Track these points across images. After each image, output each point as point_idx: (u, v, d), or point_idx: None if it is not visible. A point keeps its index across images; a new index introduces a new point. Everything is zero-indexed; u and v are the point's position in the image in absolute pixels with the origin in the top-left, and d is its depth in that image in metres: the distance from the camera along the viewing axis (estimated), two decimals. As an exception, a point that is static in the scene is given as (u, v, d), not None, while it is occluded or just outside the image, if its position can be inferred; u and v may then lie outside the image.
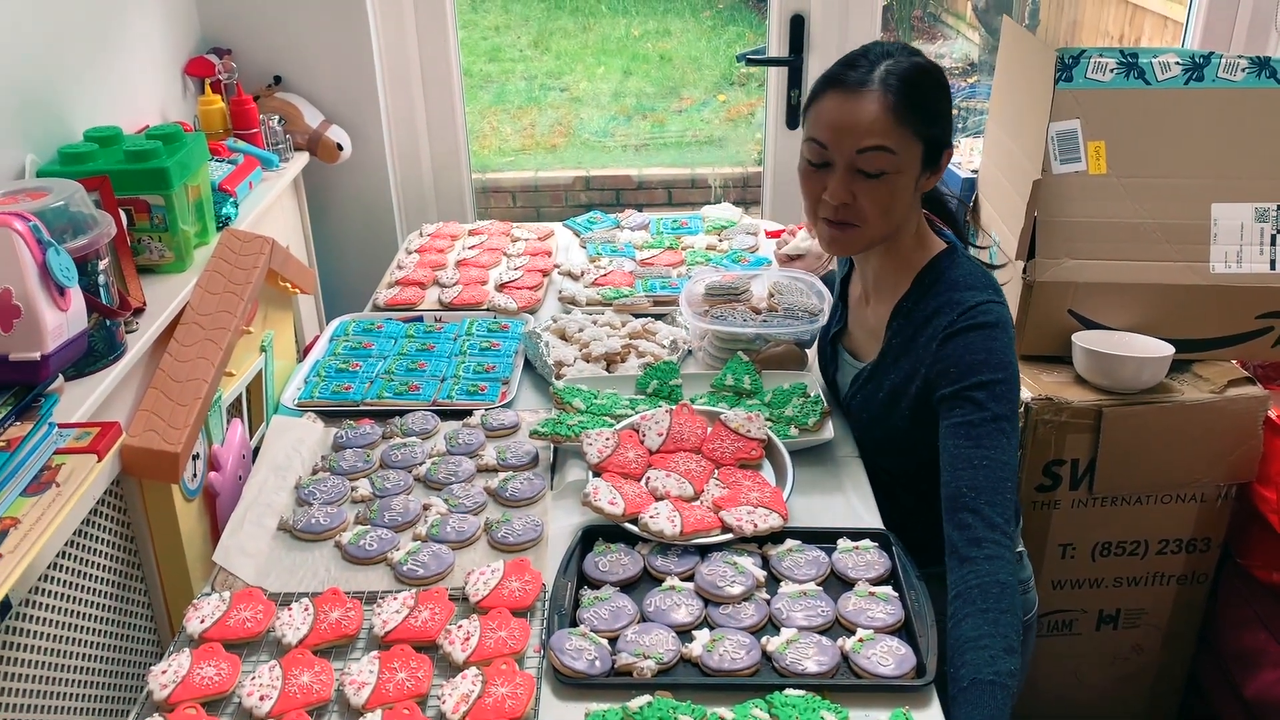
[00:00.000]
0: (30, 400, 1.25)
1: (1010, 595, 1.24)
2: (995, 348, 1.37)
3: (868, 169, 1.37)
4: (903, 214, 1.43)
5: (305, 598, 1.29)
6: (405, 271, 2.23)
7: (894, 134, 1.35)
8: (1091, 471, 1.85)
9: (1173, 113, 1.85)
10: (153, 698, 1.16)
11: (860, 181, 1.38)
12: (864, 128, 1.35)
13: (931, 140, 1.39)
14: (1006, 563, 1.26)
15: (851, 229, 1.42)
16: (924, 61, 1.40)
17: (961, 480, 1.32)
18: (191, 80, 2.43)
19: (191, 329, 1.70)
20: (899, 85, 1.35)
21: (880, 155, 1.36)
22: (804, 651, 1.20)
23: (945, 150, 1.42)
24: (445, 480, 1.54)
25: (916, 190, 1.42)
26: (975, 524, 1.28)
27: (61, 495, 1.20)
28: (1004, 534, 1.29)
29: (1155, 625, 2.01)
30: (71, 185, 1.47)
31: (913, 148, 1.37)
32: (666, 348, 1.89)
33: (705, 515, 1.41)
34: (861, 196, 1.39)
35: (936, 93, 1.40)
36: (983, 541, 1.27)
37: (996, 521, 1.29)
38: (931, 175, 1.43)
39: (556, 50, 5.25)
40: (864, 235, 1.43)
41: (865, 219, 1.40)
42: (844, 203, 1.40)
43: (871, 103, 1.35)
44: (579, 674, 1.17)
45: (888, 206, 1.40)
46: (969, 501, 1.30)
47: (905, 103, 1.35)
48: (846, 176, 1.38)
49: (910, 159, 1.38)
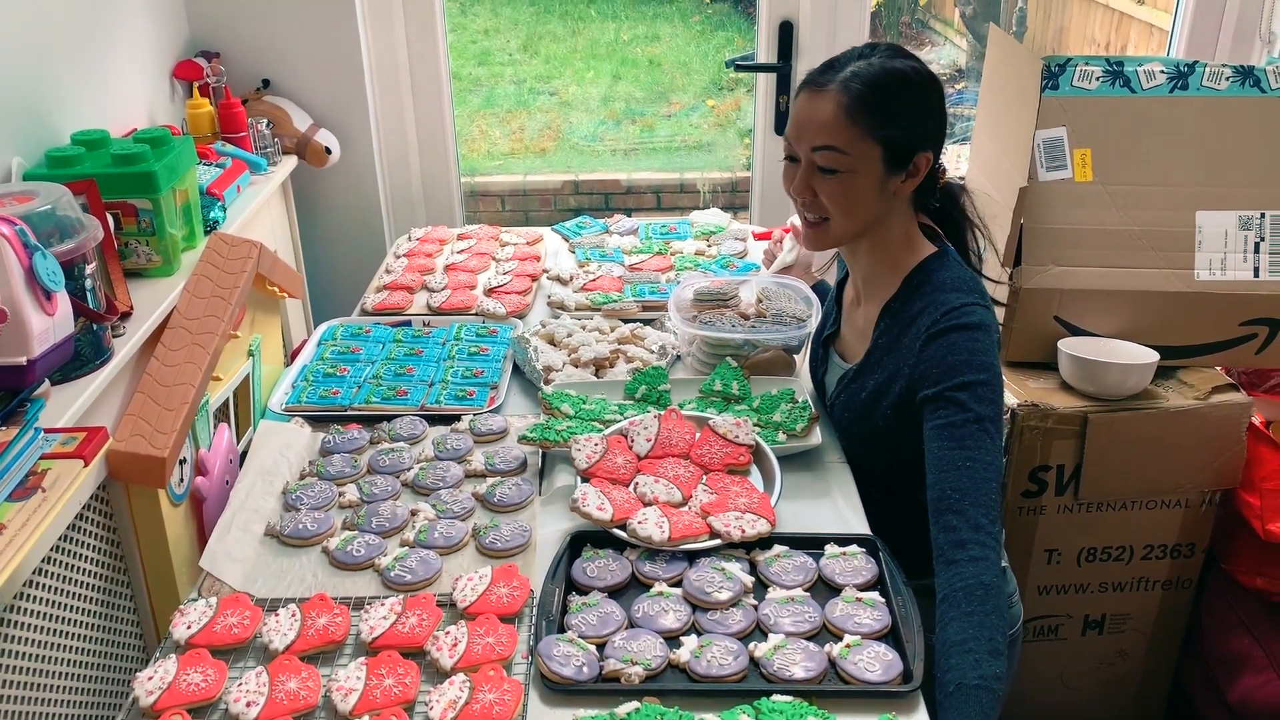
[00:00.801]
0: (16, 405, 1.24)
1: (995, 597, 1.24)
2: (977, 349, 1.38)
3: (821, 164, 1.42)
4: (867, 213, 1.45)
5: (292, 603, 1.29)
6: (394, 276, 2.23)
7: (845, 134, 1.39)
8: (1077, 477, 1.85)
9: (1158, 121, 1.86)
10: (139, 704, 1.15)
11: (818, 178, 1.43)
12: (816, 126, 1.40)
13: (891, 142, 1.40)
14: (991, 564, 1.27)
15: (821, 225, 1.48)
16: (900, 65, 1.42)
17: (946, 482, 1.32)
18: (180, 83, 2.42)
19: (179, 333, 1.70)
20: (859, 87, 1.38)
21: (830, 154, 1.40)
22: (791, 657, 1.20)
23: (919, 154, 1.43)
24: (433, 485, 1.54)
25: (885, 192, 1.44)
26: (959, 525, 1.29)
27: (47, 501, 1.19)
28: (989, 534, 1.29)
29: (1140, 630, 2.02)
30: (58, 189, 1.46)
31: (868, 148, 1.40)
32: (655, 353, 1.89)
33: (693, 521, 1.41)
34: (820, 192, 1.44)
35: (905, 95, 1.41)
36: (967, 543, 1.28)
37: (981, 522, 1.29)
38: (907, 178, 1.44)
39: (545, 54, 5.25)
40: (832, 230, 1.48)
41: (829, 213, 1.45)
42: (806, 198, 1.45)
43: (827, 103, 1.39)
44: (567, 680, 1.17)
45: (845, 204, 1.44)
46: (953, 503, 1.31)
47: (860, 104, 1.38)
48: (807, 171, 1.44)
49: (865, 159, 1.40)
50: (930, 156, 1.44)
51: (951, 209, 1.54)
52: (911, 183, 1.45)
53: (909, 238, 1.50)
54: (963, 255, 1.54)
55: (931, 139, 1.44)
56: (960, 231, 1.55)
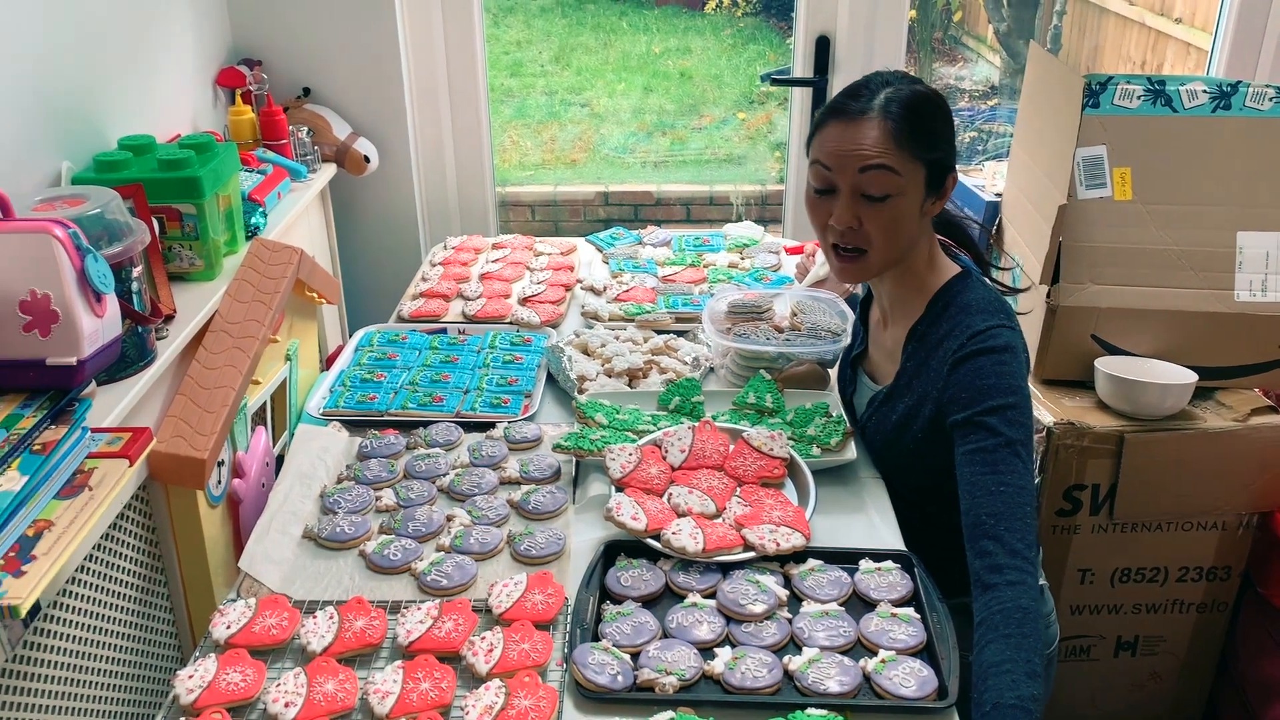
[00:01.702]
0: (65, 404, 1.26)
1: (1032, 621, 1.24)
2: (1004, 372, 1.38)
3: (872, 191, 1.40)
4: (909, 238, 1.45)
5: (330, 606, 1.30)
6: (430, 284, 2.24)
7: (895, 156, 1.39)
8: (1112, 497, 1.84)
9: (1200, 140, 1.85)
10: (179, 702, 1.16)
11: (865, 205, 1.42)
12: (867, 149, 1.39)
13: (933, 164, 1.42)
14: (1029, 588, 1.26)
15: (860, 257, 1.46)
16: (924, 89, 1.44)
17: (981, 508, 1.32)
18: (222, 90, 2.46)
19: (220, 336, 1.72)
20: (899, 111, 1.39)
21: (883, 175, 1.39)
22: (826, 671, 1.20)
23: (949, 174, 1.44)
24: (469, 492, 1.55)
25: (922, 215, 1.45)
26: (996, 551, 1.29)
27: (94, 499, 1.21)
28: (1025, 559, 1.29)
29: (1174, 653, 2.00)
30: (108, 193, 1.49)
31: (915, 171, 1.40)
32: (688, 365, 1.90)
33: (727, 533, 1.41)
34: (867, 221, 1.42)
35: (936, 118, 1.43)
36: (1004, 568, 1.27)
37: (1017, 548, 1.29)
38: (936, 200, 1.45)
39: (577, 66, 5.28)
40: (872, 261, 1.46)
41: (871, 243, 1.44)
42: (850, 227, 1.43)
43: (873, 128, 1.39)
44: (602, 688, 1.18)
45: (892, 230, 1.43)
46: (989, 529, 1.30)
47: (905, 127, 1.39)
48: (851, 200, 1.42)
49: (913, 182, 1.41)
50: (954, 176, 1.45)
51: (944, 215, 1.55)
52: (940, 204, 1.46)
53: (932, 259, 1.51)
54: (977, 261, 1.55)
55: (954, 159, 1.46)
56: (963, 234, 1.57)
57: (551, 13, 5.29)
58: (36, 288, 1.22)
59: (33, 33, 1.74)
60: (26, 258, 1.22)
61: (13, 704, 1.20)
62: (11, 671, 1.20)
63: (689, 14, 5.33)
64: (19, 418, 1.21)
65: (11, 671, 1.20)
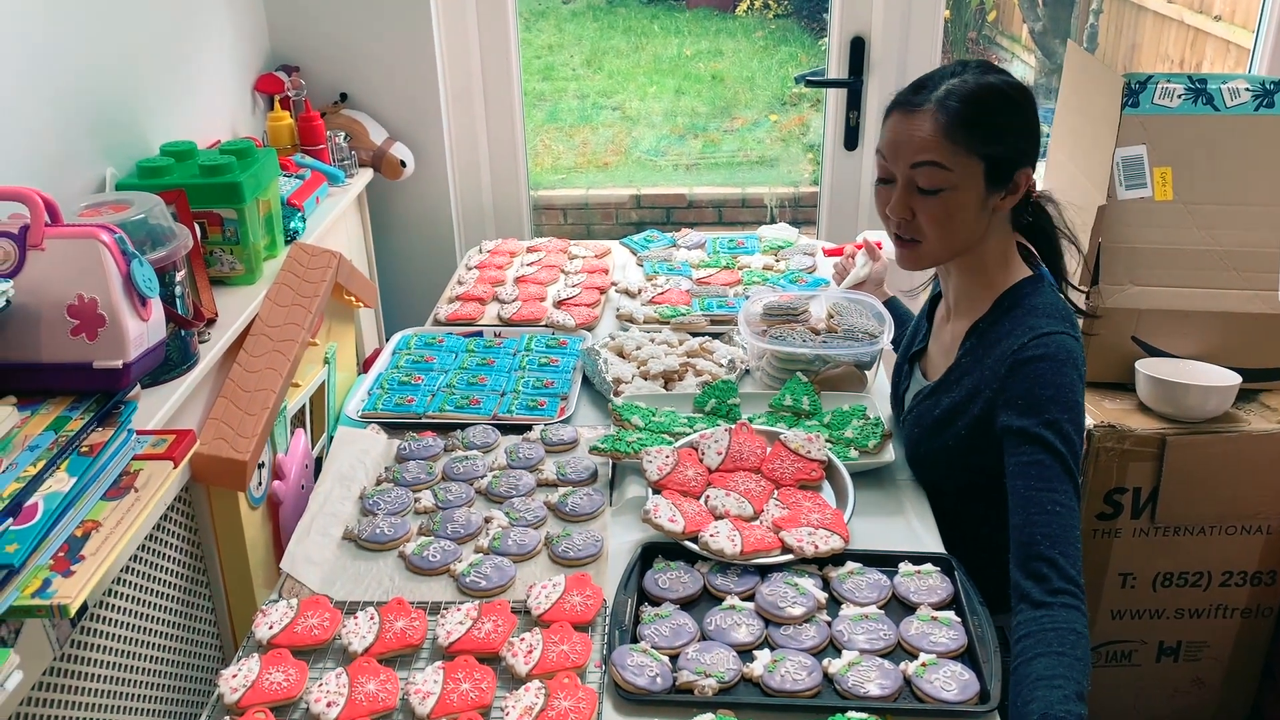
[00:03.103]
0: (111, 407, 1.28)
1: (1084, 646, 1.22)
2: (1064, 384, 1.35)
3: (923, 185, 1.40)
4: (967, 232, 1.43)
5: (370, 606, 1.31)
6: (465, 287, 2.26)
7: (945, 150, 1.37)
8: (1154, 500, 1.82)
9: (1242, 139, 1.83)
10: (223, 701, 1.18)
11: (918, 198, 1.41)
12: (916, 144, 1.39)
13: (993, 158, 1.39)
14: (1081, 614, 1.25)
15: (914, 245, 1.46)
16: (995, 80, 1.40)
17: (1035, 527, 1.30)
18: (261, 96, 2.48)
19: (260, 340, 1.74)
20: (956, 104, 1.37)
21: (932, 170, 1.38)
22: (866, 674, 1.20)
23: (1019, 170, 1.41)
24: (506, 494, 1.56)
25: (985, 209, 1.42)
26: (1051, 575, 1.27)
27: (140, 500, 1.23)
28: (1079, 586, 1.27)
29: (1217, 659, 1.98)
30: (151, 199, 1.51)
31: (969, 165, 1.38)
32: (724, 367, 1.90)
33: (765, 535, 1.41)
34: (919, 213, 1.42)
35: (1003, 110, 1.40)
36: (1060, 592, 1.26)
37: (1070, 573, 1.27)
38: (1006, 195, 1.42)
39: (609, 69, 5.30)
40: (926, 252, 1.46)
41: (925, 235, 1.43)
42: (903, 218, 1.43)
43: (926, 121, 1.38)
44: (641, 690, 1.18)
45: (945, 223, 1.41)
46: (1044, 550, 1.28)
47: (959, 120, 1.37)
48: (904, 193, 1.42)
49: (967, 176, 1.39)
50: (1030, 173, 1.43)
51: (1043, 221, 1.52)
52: (1011, 200, 1.43)
53: (1005, 258, 1.49)
54: (1056, 274, 1.52)
55: (1030, 154, 1.43)
56: (1053, 247, 1.53)
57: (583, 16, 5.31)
58: (84, 292, 1.24)
59: (78, 42, 1.77)
60: (74, 262, 1.24)
61: (61, 701, 1.22)
62: (59, 670, 1.22)
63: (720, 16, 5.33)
64: (67, 420, 1.23)
65: (59, 670, 1.22)
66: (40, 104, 1.67)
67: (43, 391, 1.27)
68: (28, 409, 1.23)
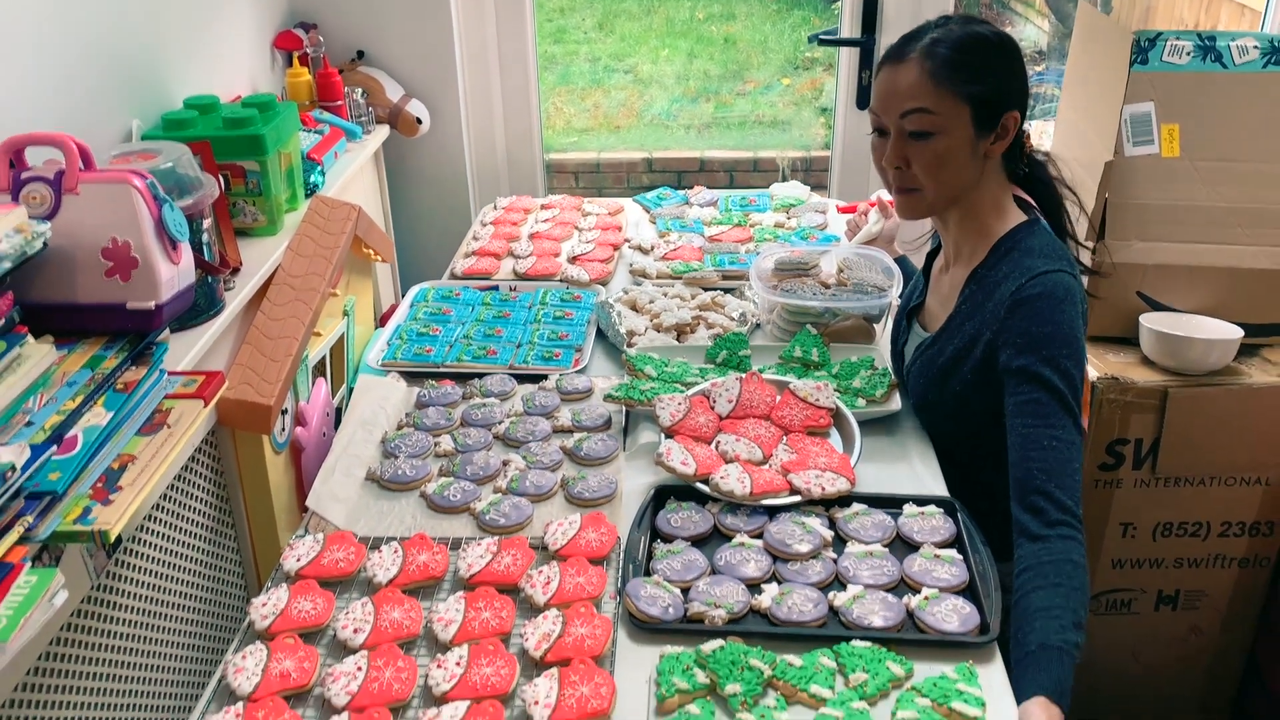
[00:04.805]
0: (143, 347, 1.33)
1: (1082, 575, 1.27)
2: (1062, 320, 1.39)
3: (911, 129, 1.44)
4: (960, 177, 1.47)
5: (394, 541, 1.36)
6: (481, 243, 2.29)
7: (932, 95, 1.41)
8: (1155, 451, 1.86)
9: (1250, 97, 1.84)
10: (254, 628, 1.23)
11: (910, 145, 1.45)
12: (904, 92, 1.43)
13: (979, 99, 1.42)
14: (1079, 545, 1.29)
15: (913, 194, 1.50)
16: (980, 28, 1.45)
17: (1032, 462, 1.34)
18: (279, 53, 2.51)
19: (283, 289, 1.78)
20: (942, 51, 1.41)
21: (920, 116, 1.42)
22: (870, 607, 1.24)
23: (1007, 113, 1.45)
24: (523, 439, 1.60)
25: (977, 154, 1.46)
26: (1047, 507, 1.31)
27: (173, 436, 1.27)
28: (1075, 518, 1.31)
29: (1215, 608, 2.02)
30: (179, 148, 1.55)
31: (956, 108, 1.42)
32: (735, 320, 1.93)
33: (774, 478, 1.46)
34: (913, 160, 1.46)
35: (986, 53, 1.44)
36: (1056, 524, 1.30)
37: (1068, 505, 1.31)
38: (996, 140, 1.46)
39: (621, 33, 5.30)
40: (924, 199, 1.50)
41: (920, 183, 1.47)
42: (898, 167, 1.47)
43: (912, 69, 1.43)
44: (654, 619, 1.23)
45: (938, 168, 1.45)
46: (1040, 484, 1.33)
47: (944, 65, 1.41)
48: (898, 142, 1.46)
49: (954, 119, 1.42)
50: (1018, 116, 1.46)
51: (1040, 174, 1.55)
52: (1001, 145, 1.46)
53: (1000, 205, 1.52)
54: (1056, 227, 1.55)
55: (1018, 98, 1.46)
56: (1053, 200, 1.56)
57: (594, -21, 5.30)
58: (117, 235, 1.28)
59: (103, -4, 1.80)
60: (107, 206, 1.28)
61: (97, 629, 1.28)
62: (96, 599, 1.28)
63: (733, -22, 5.32)
64: (102, 358, 1.27)
65: (96, 599, 1.28)
66: (70, 58, 1.71)
67: (78, 331, 1.32)
68: (64, 348, 1.27)
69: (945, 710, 1.11)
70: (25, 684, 1.14)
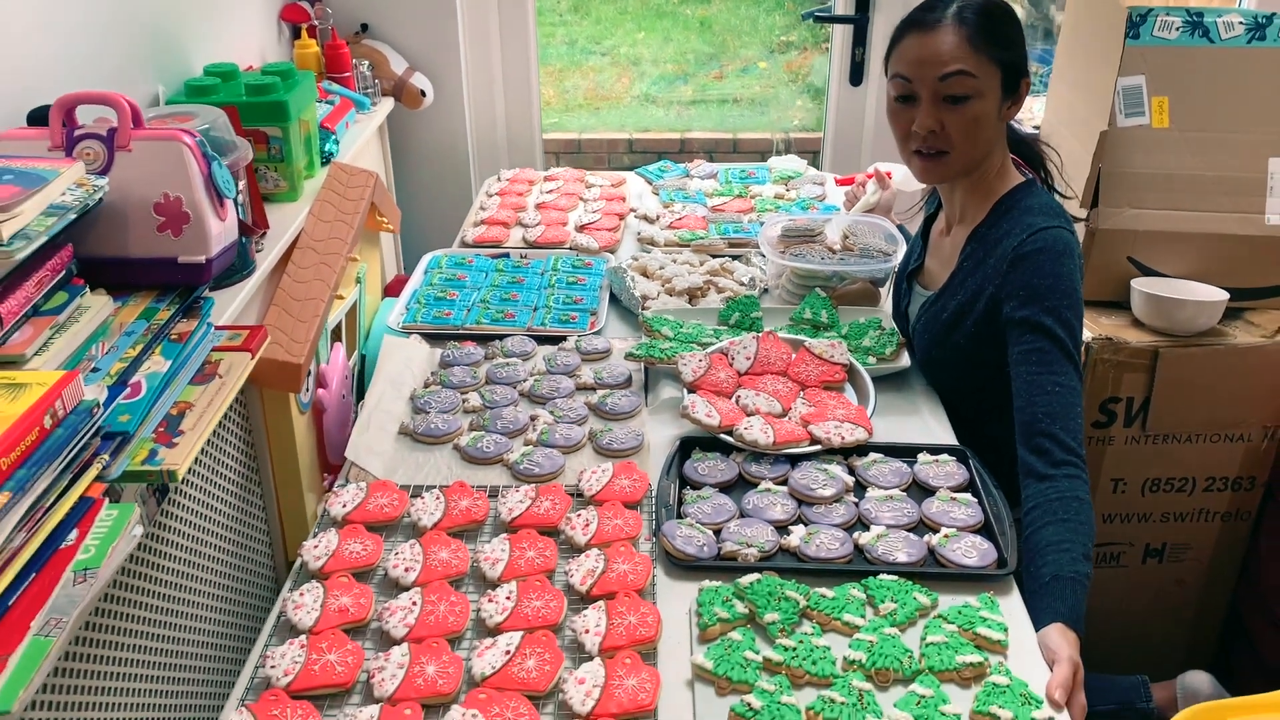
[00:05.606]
0: (193, 300, 1.37)
1: (1087, 511, 1.35)
2: (1062, 273, 1.47)
3: (955, 92, 1.49)
4: (988, 140, 1.54)
5: (435, 488, 1.41)
6: (489, 212, 2.34)
7: (972, 59, 1.47)
8: (1145, 410, 1.94)
9: (1235, 70, 1.93)
10: (308, 568, 1.28)
11: (946, 109, 1.50)
12: (945, 56, 1.48)
13: (1009, 66, 1.50)
14: (1084, 482, 1.37)
15: (942, 157, 1.54)
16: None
17: (1037, 406, 1.42)
18: (286, 25, 2.54)
19: (307, 253, 1.82)
20: (973, 18, 1.48)
21: (963, 79, 1.48)
22: (894, 544, 1.32)
23: (1023, 79, 1.53)
24: (548, 395, 1.66)
25: (1000, 118, 1.53)
26: (1052, 448, 1.39)
27: (225, 385, 1.32)
28: (1079, 458, 1.39)
29: (1198, 560, 2.11)
30: (214, 111, 1.58)
31: (992, 73, 1.49)
32: (745, 285, 1.99)
33: (795, 429, 1.52)
34: (949, 123, 1.51)
35: (1009, 23, 1.52)
36: (1061, 463, 1.38)
37: (1071, 445, 1.39)
38: (1013, 104, 1.54)
39: (596, 15, 5.33)
40: (953, 162, 1.55)
41: (953, 144, 1.52)
42: (932, 130, 1.51)
43: (949, 34, 1.48)
44: (690, 557, 1.29)
45: (973, 131, 1.51)
46: (1044, 427, 1.41)
47: (980, 32, 1.47)
48: (932, 106, 1.51)
49: (990, 83, 1.49)
50: (1028, 82, 1.54)
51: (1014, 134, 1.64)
52: (1015, 109, 1.54)
53: (1003, 168, 1.60)
54: (1044, 182, 1.64)
55: (1026, 65, 1.54)
56: (1035, 156, 1.65)
57: (569, -40, 5.32)
58: (169, 191, 1.32)
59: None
60: (159, 163, 1.32)
61: (146, 575, 1.32)
62: (145, 547, 1.31)
63: (710, -39, 5.35)
64: (155, 310, 1.31)
65: (145, 547, 1.31)
66: (100, 25, 1.73)
67: (129, 285, 1.35)
68: (118, 300, 1.31)
69: (971, 635, 1.18)
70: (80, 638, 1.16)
